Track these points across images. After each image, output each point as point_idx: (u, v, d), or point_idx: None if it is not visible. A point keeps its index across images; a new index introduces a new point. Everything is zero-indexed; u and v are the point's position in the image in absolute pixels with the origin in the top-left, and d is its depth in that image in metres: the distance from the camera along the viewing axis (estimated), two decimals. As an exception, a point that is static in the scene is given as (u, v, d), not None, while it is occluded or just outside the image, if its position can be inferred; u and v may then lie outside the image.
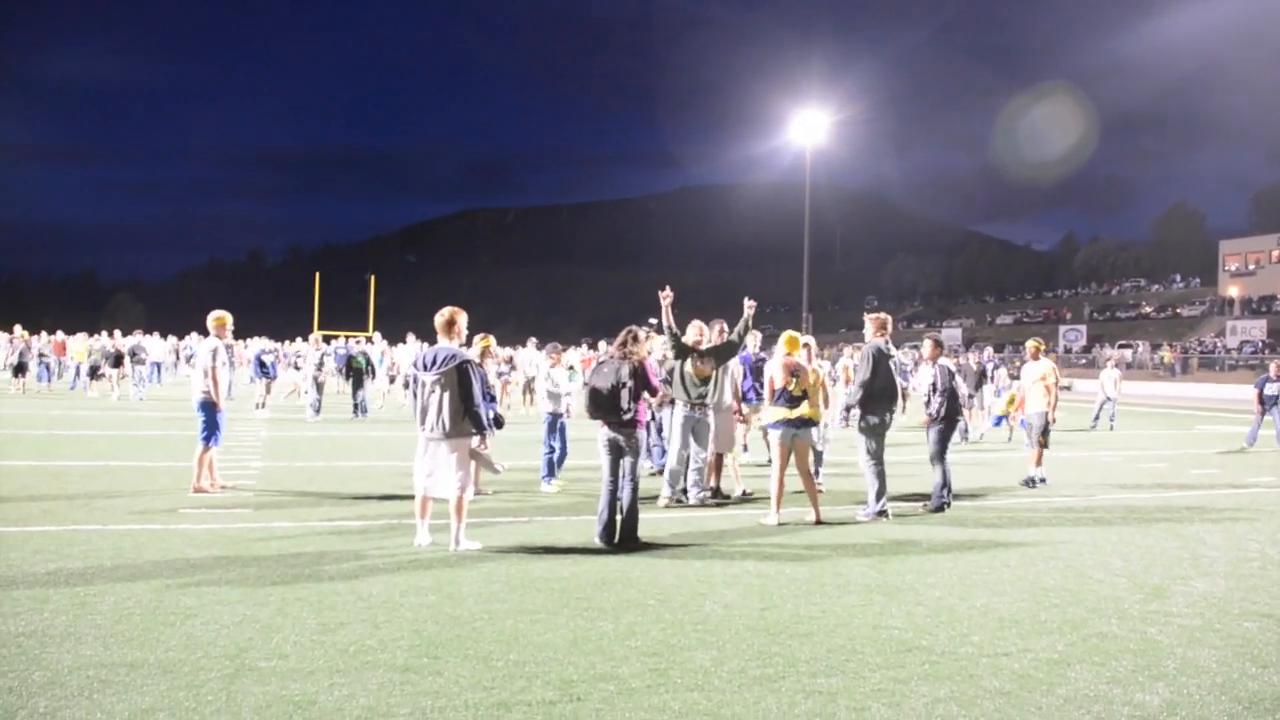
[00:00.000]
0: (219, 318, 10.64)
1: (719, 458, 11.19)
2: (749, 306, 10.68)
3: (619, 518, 8.34)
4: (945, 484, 10.46)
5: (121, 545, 7.77)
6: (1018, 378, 24.04)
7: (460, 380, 7.80)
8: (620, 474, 8.41)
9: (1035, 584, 7.13)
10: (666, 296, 10.23)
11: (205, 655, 5.08)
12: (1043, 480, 12.71)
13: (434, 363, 7.85)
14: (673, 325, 10.35)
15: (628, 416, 8.36)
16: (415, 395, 8.08)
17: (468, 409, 7.82)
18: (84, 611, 5.85)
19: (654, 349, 11.79)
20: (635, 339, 8.58)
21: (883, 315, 10.47)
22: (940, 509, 10.36)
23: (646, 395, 8.65)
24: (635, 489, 8.41)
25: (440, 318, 8.16)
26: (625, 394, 8.30)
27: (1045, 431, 12.86)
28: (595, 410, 8.43)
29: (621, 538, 8.27)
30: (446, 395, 7.80)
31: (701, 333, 10.91)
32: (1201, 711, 4.60)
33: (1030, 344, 13.84)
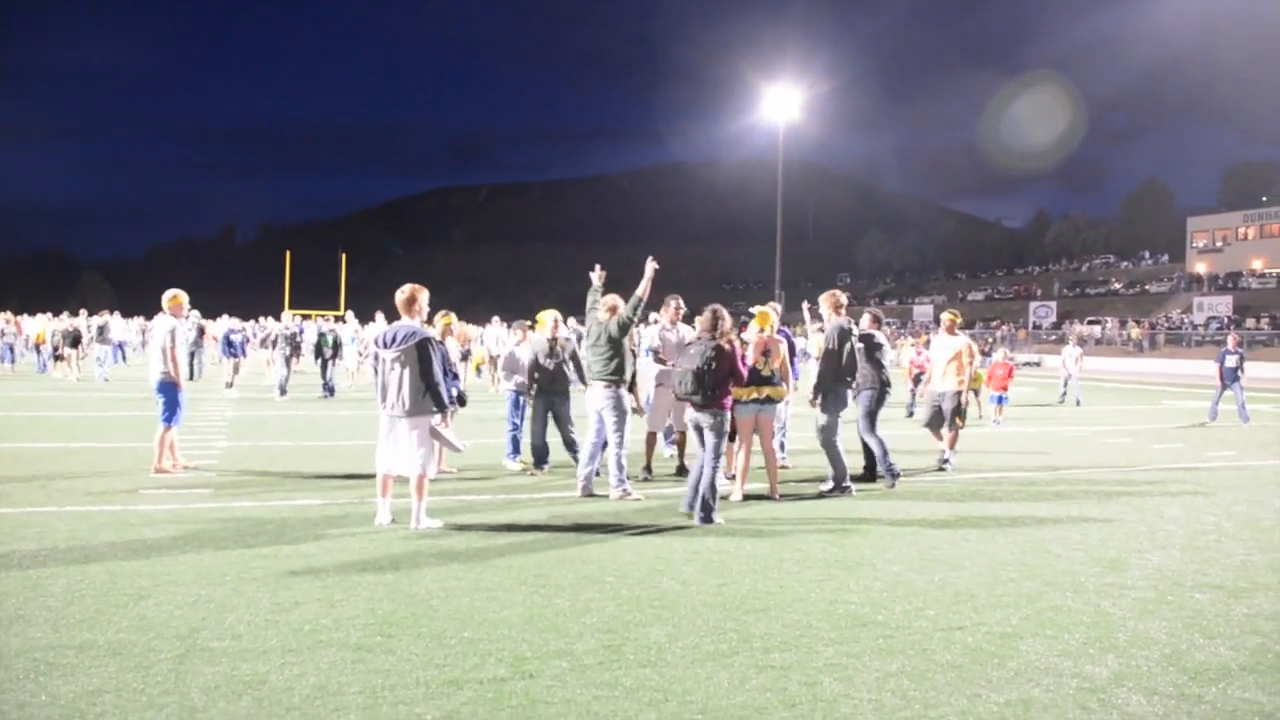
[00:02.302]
0: (174, 297, 10.50)
1: (681, 435, 11.19)
2: (650, 267, 9.65)
3: (697, 492, 8.42)
4: (885, 452, 10.49)
5: (77, 527, 7.69)
6: (987, 354, 24.22)
7: (420, 357, 7.74)
8: (706, 450, 8.49)
9: (994, 558, 7.18)
10: (653, 265, 9.86)
11: (157, 636, 5.04)
12: (948, 462, 12.04)
13: (394, 340, 7.80)
14: (594, 291, 9.94)
15: (711, 398, 8.43)
16: (376, 373, 8.03)
17: (428, 386, 7.78)
18: (35, 594, 5.78)
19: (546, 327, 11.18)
20: (722, 318, 8.61)
21: (838, 293, 10.45)
22: (895, 478, 10.45)
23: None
24: (715, 469, 8.44)
25: (401, 295, 8.09)
26: (709, 377, 8.36)
27: (961, 412, 12.08)
28: (681, 391, 8.49)
29: (701, 514, 8.32)
30: (407, 373, 7.75)
31: (613, 309, 9.90)
32: (1149, 682, 4.65)
33: (945, 316, 12.68)
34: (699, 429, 8.55)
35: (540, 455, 10.97)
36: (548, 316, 11.00)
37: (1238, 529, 8.49)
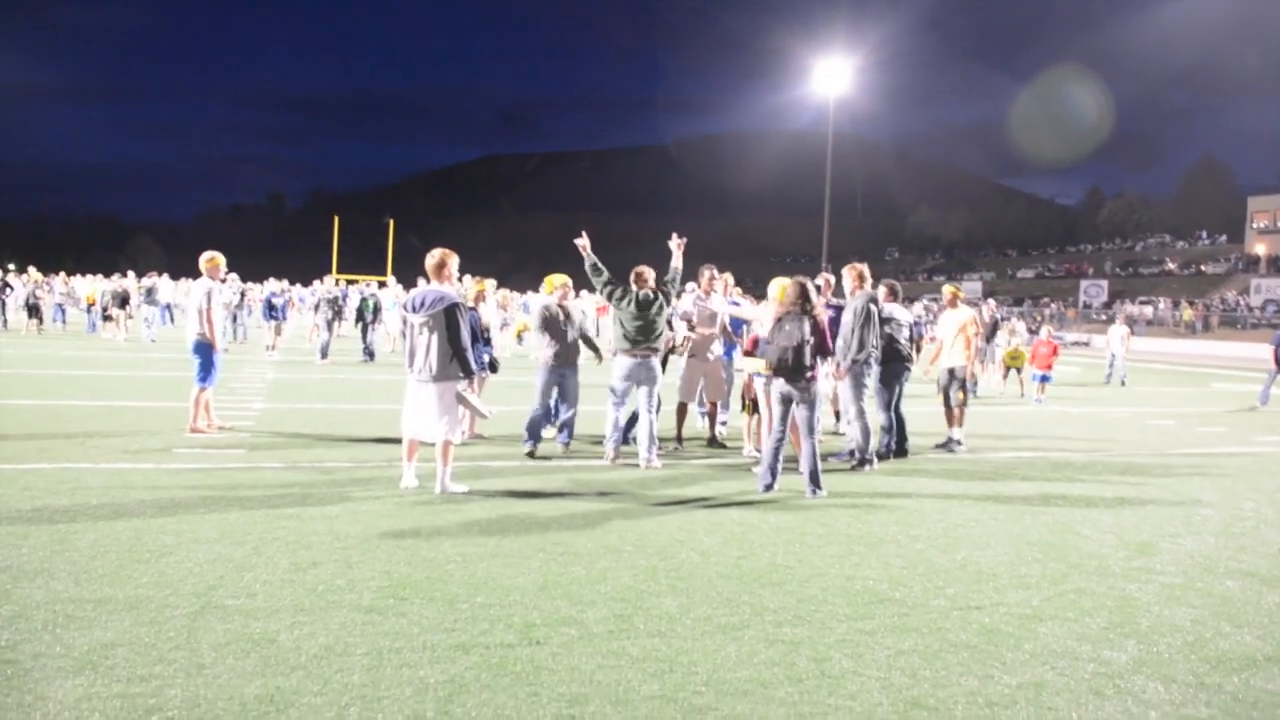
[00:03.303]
0: (211, 259, 10.60)
1: (713, 406, 11.14)
2: (677, 245, 9.81)
3: (806, 468, 8.48)
4: (891, 431, 10.34)
5: (110, 484, 7.80)
6: (1035, 331, 23.91)
7: (448, 323, 7.75)
8: (792, 425, 8.59)
9: (1021, 538, 7.07)
10: (679, 240, 9.85)
11: (174, 592, 5.10)
12: (959, 444, 11.43)
13: (423, 305, 7.81)
14: (598, 263, 9.78)
15: (810, 374, 8.46)
16: (405, 337, 8.05)
17: (456, 352, 7.78)
18: (62, 548, 5.87)
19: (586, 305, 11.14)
20: (810, 292, 8.62)
21: (860, 266, 10.22)
22: (863, 465, 9.92)
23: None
24: (816, 439, 8.54)
25: (431, 259, 8.09)
26: (808, 351, 8.39)
27: (964, 388, 11.56)
28: (780, 367, 8.44)
29: (814, 485, 8.40)
30: (435, 338, 7.76)
31: (643, 278, 9.78)
32: (1168, 670, 4.54)
33: (947, 290, 12.24)
34: (788, 403, 8.52)
35: (537, 431, 10.06)
36: (559, 280, 10.51)
37: (1278, 516, 8.29)
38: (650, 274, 9.79)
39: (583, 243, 9.82)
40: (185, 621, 4.66)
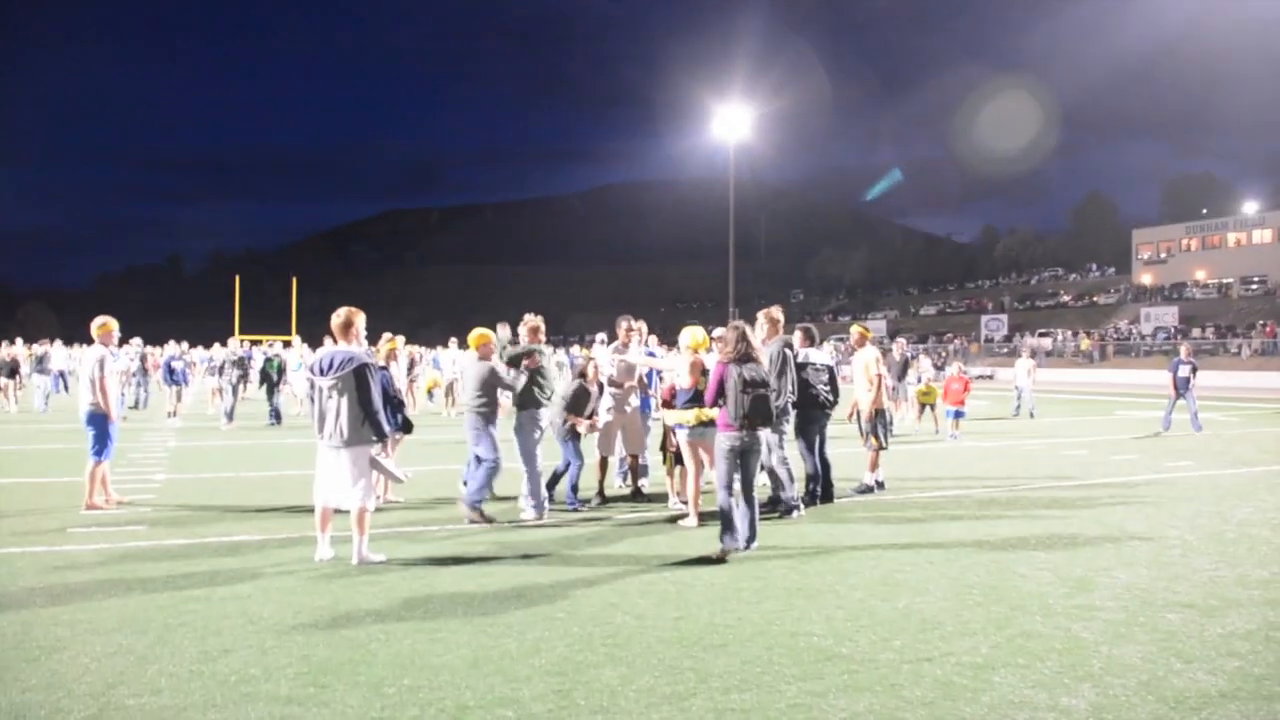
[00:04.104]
0: (103, 325, 10.04)
1: (633, 459, 10.88)
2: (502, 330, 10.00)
3: (755, 521, 8.12)
4: (779, 483, 9.74)
5: (-5, 571, 7.23)
6: (940, 367, 24.24)
7: (359, 384, 7.40)
8: (747, 480, 8.07)
9: (959, 581, 6.95)
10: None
11: (67, 695, 4.64)
12: (880, 485, 11.29)
13: (331, 366, 7.44)
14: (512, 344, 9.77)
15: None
16: (313, 401, 7.66)
17: (367, 414, 7.43)
18: (-61, 648, 5.35)
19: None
20: (750, 337, 8.22)
21: (774, 311, 10.04)
22: (789, 510, 9.67)
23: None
24: (754, 490, 8.18)
25: (337, 319, 7.74)
26: (773, 398, 8.17)
27: (877, 431, 11.09)
28: (757, 419, 7.89)
29: (751, 540, 8.01)
30: (344, 400, 7.40)
31: (537, 334, 9.89)
32: (1128, 714, 4.41)
33: (855, 330, 11.84)
34: (744, 454, 7.97)
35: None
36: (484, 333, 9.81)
37: (1202, 543, 8.34)
38: (541, 326, 9.75)
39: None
40: (80, 727, 4.23)
